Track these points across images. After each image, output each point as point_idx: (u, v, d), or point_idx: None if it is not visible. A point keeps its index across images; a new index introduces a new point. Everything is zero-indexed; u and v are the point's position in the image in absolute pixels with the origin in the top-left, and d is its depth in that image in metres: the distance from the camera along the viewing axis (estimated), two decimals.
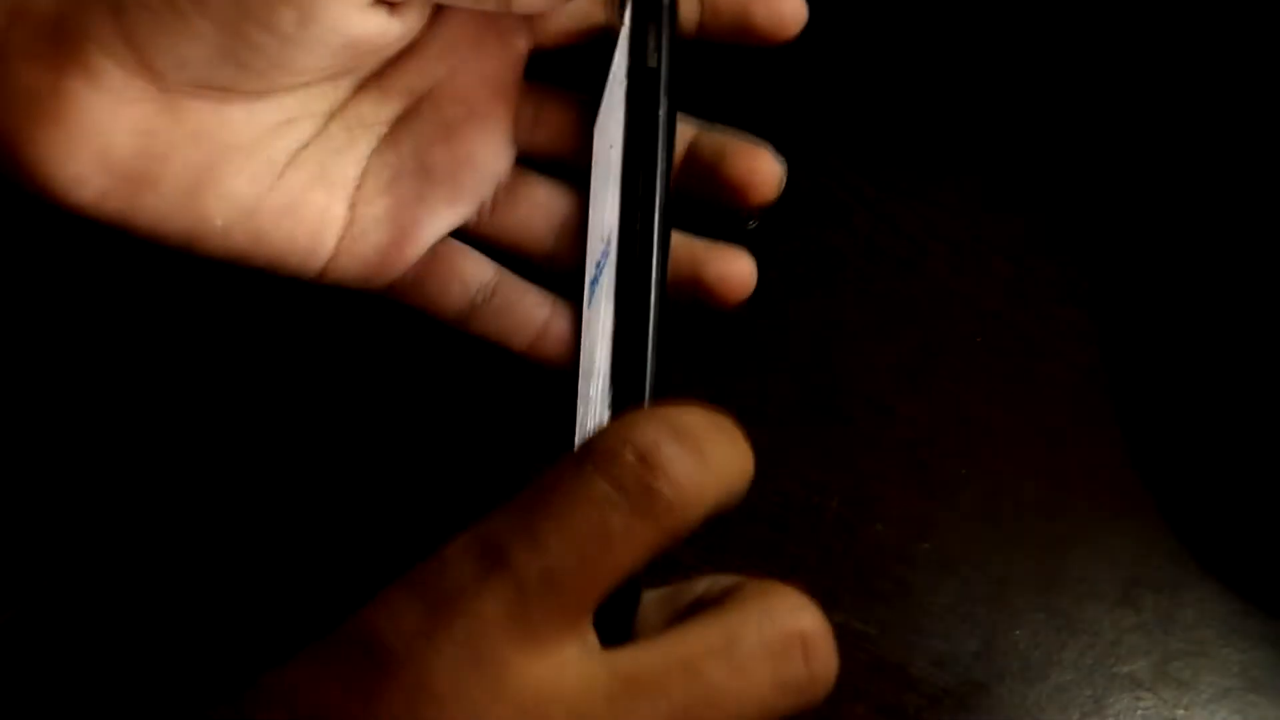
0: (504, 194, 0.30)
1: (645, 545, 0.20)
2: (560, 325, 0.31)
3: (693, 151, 0.30)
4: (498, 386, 0.37)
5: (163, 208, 0.26)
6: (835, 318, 0.40)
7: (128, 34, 0.23)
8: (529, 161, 0.31)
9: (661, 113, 0.29)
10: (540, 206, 0.31)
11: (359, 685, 0.19)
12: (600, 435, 0.21)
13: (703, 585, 0.24)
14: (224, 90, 0.24)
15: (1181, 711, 0.36)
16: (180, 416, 0.38)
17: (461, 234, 0.32)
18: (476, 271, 0.31)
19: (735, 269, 0.31)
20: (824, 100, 0.43)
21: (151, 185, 0.25)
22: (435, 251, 0.30)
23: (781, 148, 0.40)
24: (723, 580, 0.24)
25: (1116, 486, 0.38)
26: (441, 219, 0.29)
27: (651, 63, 0.29)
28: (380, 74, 0.28)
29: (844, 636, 0.36)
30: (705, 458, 0.21)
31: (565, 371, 0.31)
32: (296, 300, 0.37)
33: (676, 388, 0.39)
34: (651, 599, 0.24)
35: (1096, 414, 0.39)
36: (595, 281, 0.29)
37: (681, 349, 0.39)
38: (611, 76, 0.29)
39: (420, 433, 0.38)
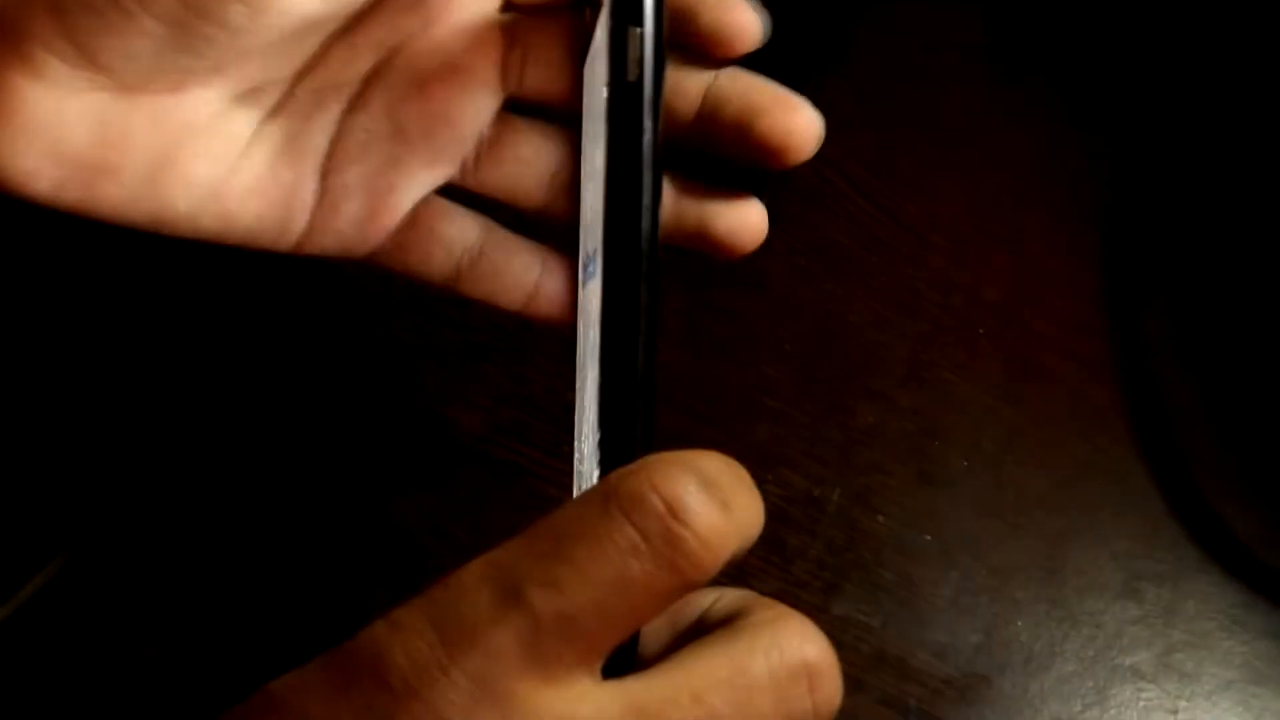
0: (488, 147, 0.28)
1: (664, 594, 0.20)
2: (552, 285, 0.29)
3: (712, 104, 0.27)
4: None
5: (123, 195, 0.25)
6: (837, 309, 0.40)
7: (70, 32, 0.22)
8: (518, 106, 0.29)
9: (646, 141, 0.25)
10: (528, 159, 0.28)
11: (371, 710, 0.19)
12: (625, 477, 0.20)
13: (708, 599, 0.24)
14: (179, 75, 0.24)
15: (1184, 703, 0.36)
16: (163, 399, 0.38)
17: (446, 189, 0.30)
18: (461, 234, 0.29)
19: (746, 221, 0.28)
20: (825, 91, 0.43)
21: (109, 174, 0.24)
22: (416, 214, 0.28)
23: None
24: (729, 596, 0.23)
25: (1119, 478, 0.38)
26: (419, 182, 0.27)
27: (632, 76, 0.25)
28: (348, 29, 0.26)
29: (846, 628, 0.37)
30: (729, 508, 0.20)
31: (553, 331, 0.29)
32: (275, 274, 0.37)
33: (678, 380, 0.39)
34: None
35: (1098, 406, 0.39)
36: (589, 271, 0.27)
37: (683, 339, 0.39)
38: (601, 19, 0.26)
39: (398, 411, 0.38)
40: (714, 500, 0.20)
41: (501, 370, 0.39)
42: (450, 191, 0.29)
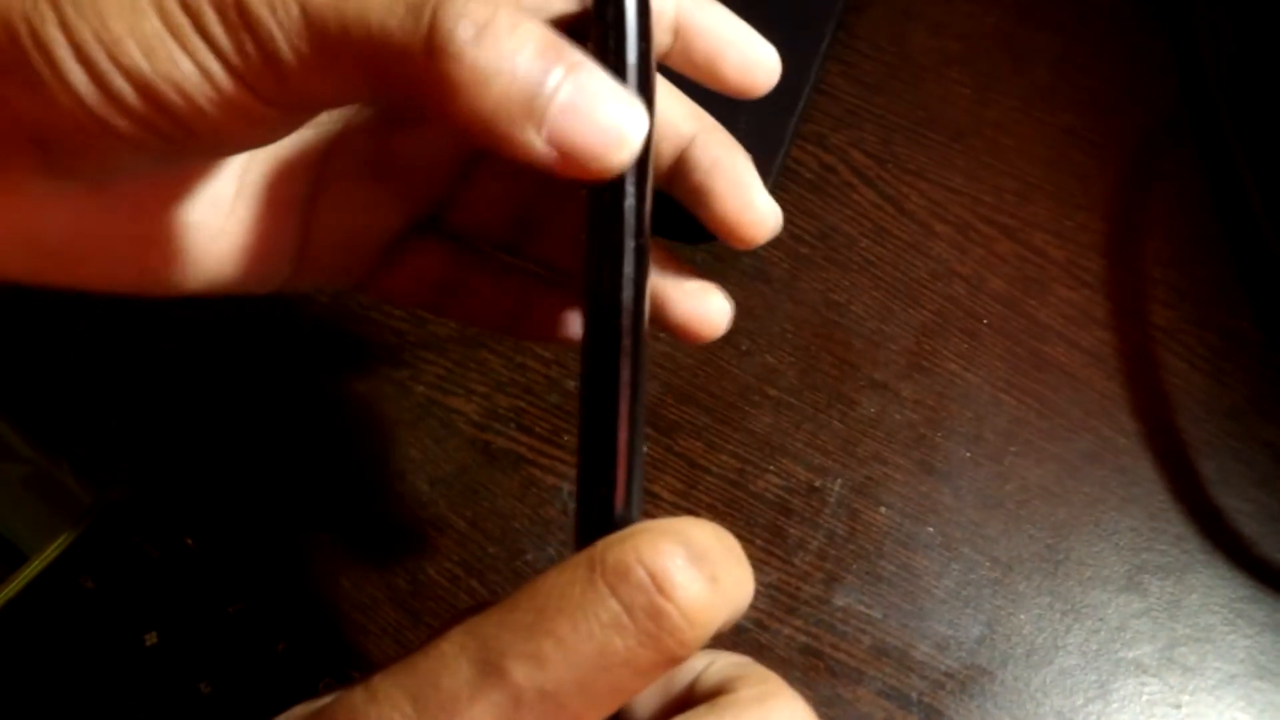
0: (462, 187, 0.28)
1: (648, 670, 0.19)
2: (530, 308, 0.29)
3: (681, 168, 0.26)
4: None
5: (105, 275, 0.24)
6: (840, 299, 0.40)
7: (53, 159, 0.21)
8: None
9: (628, 206, 0.21)
10: (497, 199, 0.29)
11: None
12: (611, 547, 0.19)
13: (701, 663, 0.23)
14: (165, 173, 0.23)
15: (1187, 697, 0.36)
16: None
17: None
18: (438, 264, 0.29)
19: (705, 310, 0.27)
20: (830, 79, 0.43)
21: (88, 260, 0.23)
22: (394, 248, 0.28)
23: (786, 128, 0.40)
24: (720, 664, 0.23)
25: (1122, 470, 0.38)
26: (397, 224, 0.28)
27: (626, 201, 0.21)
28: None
29: (847, 619, 0.36)
30: (717, 582, 0.20)
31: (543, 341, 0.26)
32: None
33: (681, 369, 0.39)
34: None
35: (1102, 396, 0.39)
36: None
37: None
38: None
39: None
40: (702, 573, 0.19)
41: (500, 359, 0.39)
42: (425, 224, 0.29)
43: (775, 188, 0.40)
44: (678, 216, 0.27)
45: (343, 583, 0.36)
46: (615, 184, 0.21)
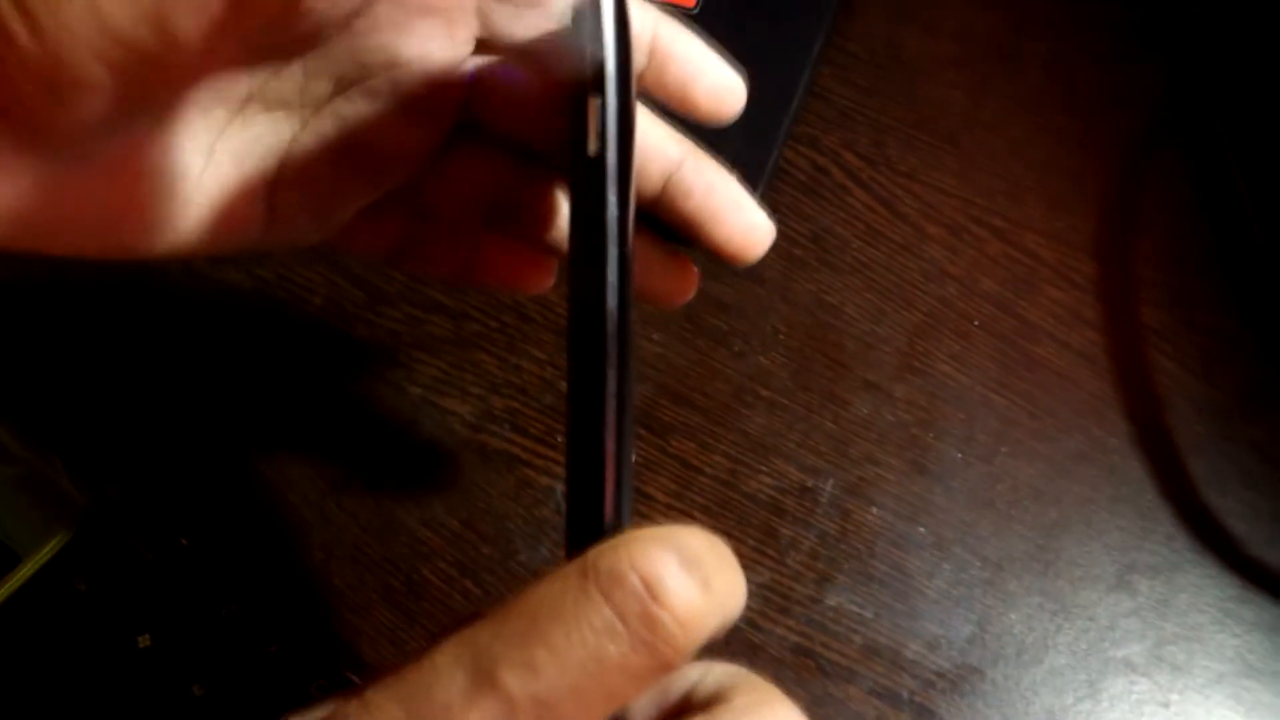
0: (431, 166, 0.28)
1: (642, 676, 0.19)
2: (483, 259, 0.30)
3: (672, 193, 0.27)
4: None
5: (77, 242, 0.24)
6: (833, 300, 0.40)
7: (16, 127, 0.21)
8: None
9: (611, 216, 0.21)
10: (472, 184, 0.29)
11: None
12: (605, 554, 0.19)
13: (695, 673, 0.23)
14: (131, 135, 0.23)
15: (1176, 696, 0.36)
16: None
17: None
18: (404, 226, 0.29)
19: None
20: (822, 81, 0.43)
21: (60, 230, 0.23)
22: (359, 213, 0.29)
23: (778, 129, 0.40)
24: (715, 673, 0.23)
25: (1113, 470, 0.38)
26: (366, 196, 0.28)
27: (592, 149, 0.22)
28: (313, 50, 0.25)
29: (839, 619, 0.36)
30: (710, 589, 0.20)
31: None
32: (271, 266, 0.37)
33: (674, 370, 0.39)
34: None
35: (1092, 397, 0.39)
36: None
37: (679, 329, 0.39)
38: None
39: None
40: (695, 580, 0.19)
41: (495, 360, 0.39)
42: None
43: (768, 189, 0.40)
44: None
45: (335, 583, 0.36)
46: (598, 193, 0.21)
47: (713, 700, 0.22)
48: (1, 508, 0.36)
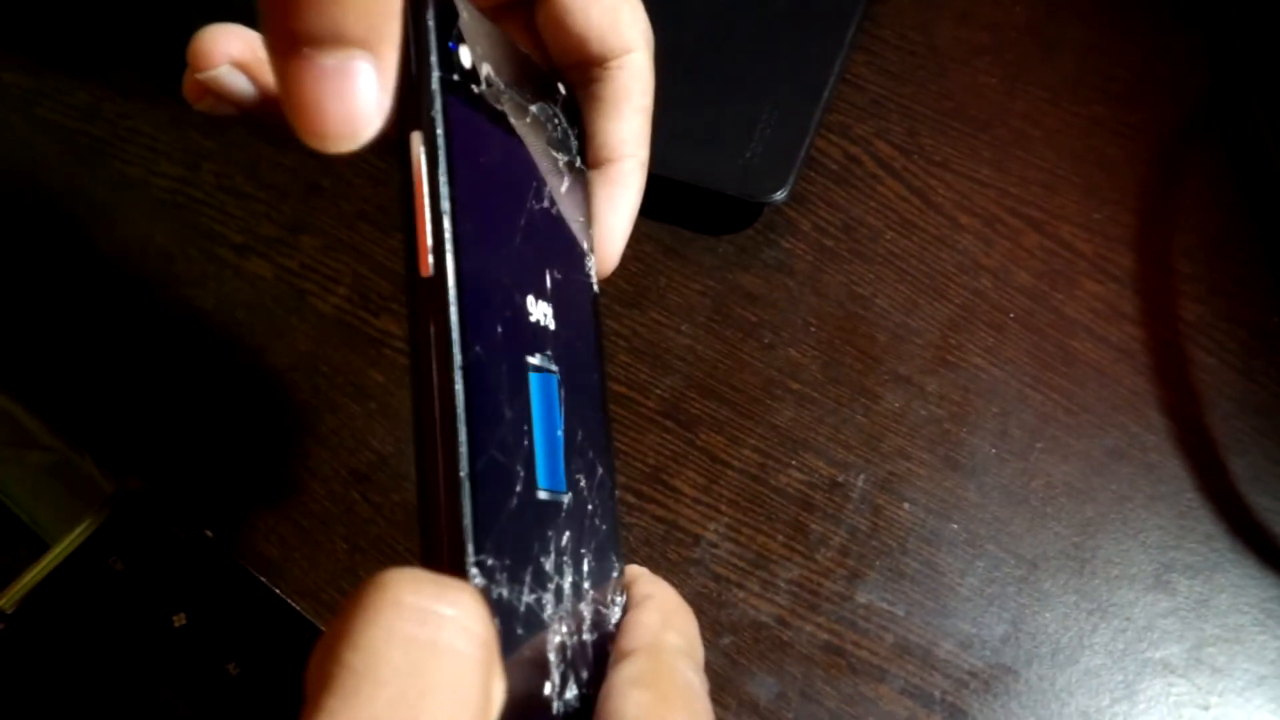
0: None
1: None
2: None
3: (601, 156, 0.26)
4: None
5: None
6: (864, 292, 0.39)
7: None
8: None
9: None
10: None
11: None
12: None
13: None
14: None
15: (1215, 698, 0.35)
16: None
17: None
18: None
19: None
20: (855, 70, 0.42)
21: None
22: None
23: (810, 118, 0.39)
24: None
25: (1150, 467, 0.37)
26: None
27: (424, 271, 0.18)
28: None
29: (869, 616, 0.36)
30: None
31: None
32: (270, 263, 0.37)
33: (703, 362, 0.38)
34: None
35: (1130, 392, 0.38)
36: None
37: (709, 321, 0.39)
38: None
39: None
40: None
41: None
42: None
43: (799, 179, 0.39)
44: (699, 208, 0.27)
45: (361, 575, 0.36)
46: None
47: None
48: (31, 494, 0.36)
